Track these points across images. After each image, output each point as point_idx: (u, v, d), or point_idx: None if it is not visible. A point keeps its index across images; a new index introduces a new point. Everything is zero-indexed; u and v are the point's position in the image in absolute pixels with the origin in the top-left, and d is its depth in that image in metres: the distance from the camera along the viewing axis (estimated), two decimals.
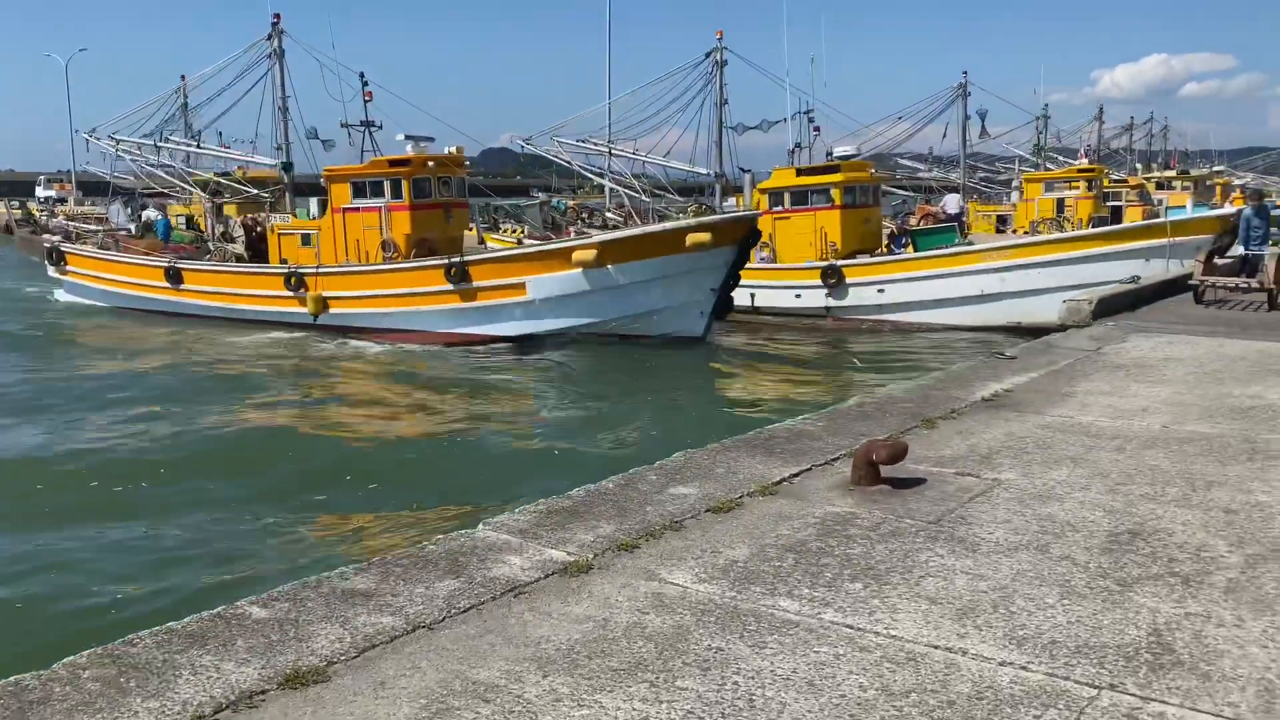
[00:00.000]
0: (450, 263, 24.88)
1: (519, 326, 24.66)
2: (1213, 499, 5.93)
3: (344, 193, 27.05)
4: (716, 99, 30.64)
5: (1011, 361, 10.96)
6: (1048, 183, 39.10)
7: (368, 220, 26.60)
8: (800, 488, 6.30)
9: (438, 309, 25.29)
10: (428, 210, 26.64)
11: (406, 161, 26.53)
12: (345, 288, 26.49)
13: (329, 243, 27.37)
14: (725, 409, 19.65)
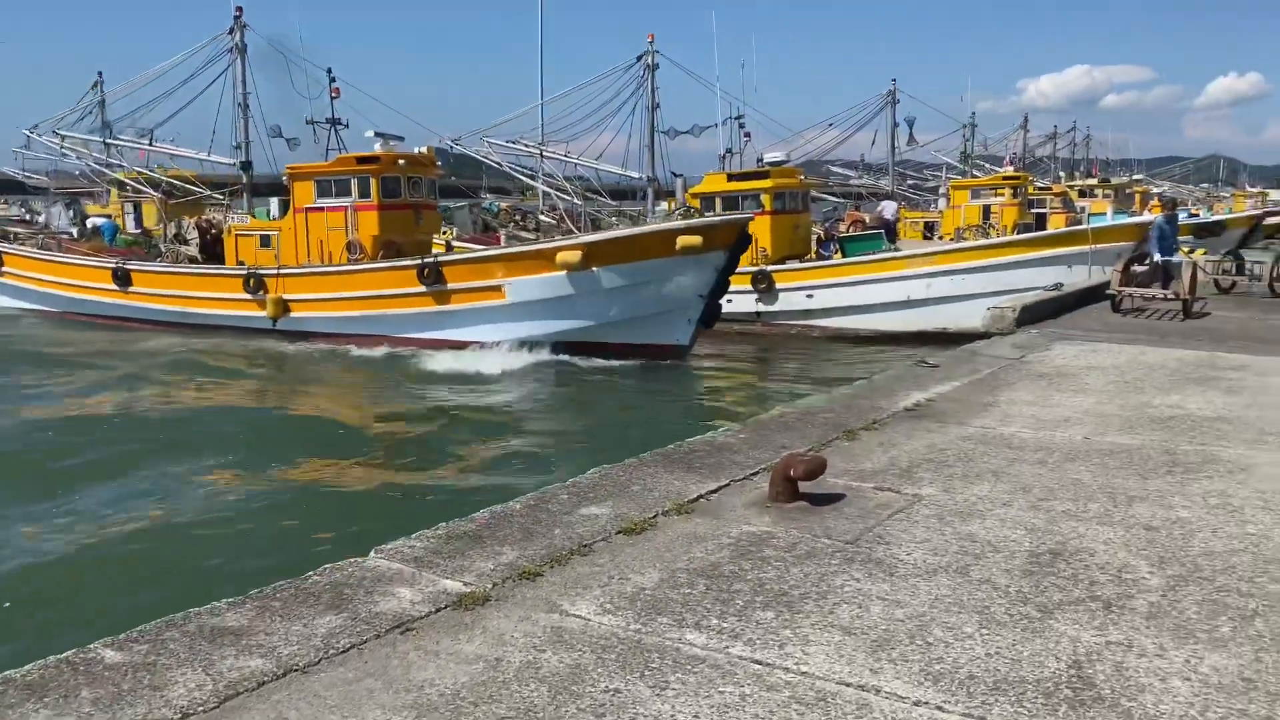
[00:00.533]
0: (424, 263, 23.74)
1: (496, 331, 23.51)
2: (1134, 515, 5.81)
3: (307, 191, 25.87)
4: (648, 103, 30.43)
5: (935, 370, 10.87)
6: (974, 190, 39.70)
7: (332, 220, 25.45)
8: (717, 505, 6.04)
9: (408, 313, 24.15)
10: (397, 211, 25.61)
11: (375, 159, 25.48)
12: (308, 289, 25.27)
13: (290, 244, 26.16)
14: (658, 419, 19.44)
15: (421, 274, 23.56)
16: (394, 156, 25.82)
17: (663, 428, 16.85)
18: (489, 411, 20.40)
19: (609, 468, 6.79)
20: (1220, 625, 4.26)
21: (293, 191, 26.34)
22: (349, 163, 25.79)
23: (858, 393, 9.69)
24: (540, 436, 18.18)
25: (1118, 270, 15.56)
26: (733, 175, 27.87)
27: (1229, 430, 8.02)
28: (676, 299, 22.51)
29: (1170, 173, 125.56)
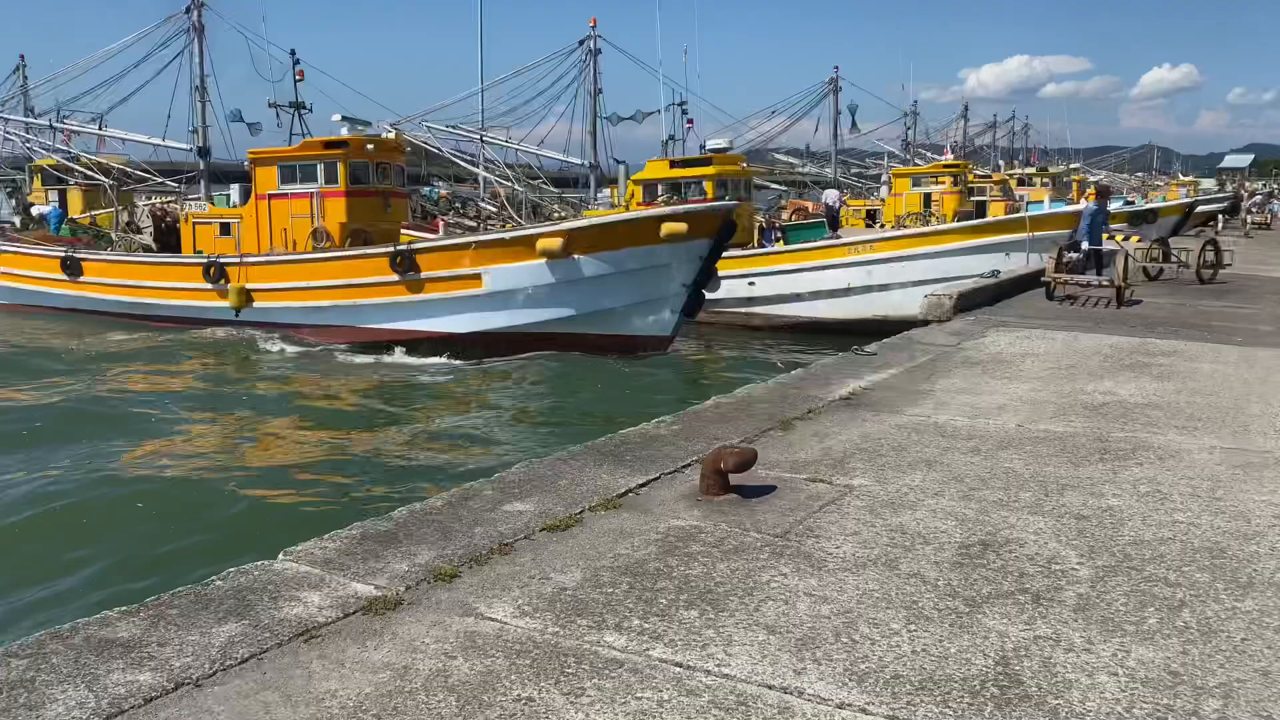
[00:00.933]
0: (396, 251, 22.76)
1: (473, 322, 22.70)
2: (1065, 504, 5.77)
3: (270, 177, 24.80)
4: (591, 88, 30.13)
5: (872, 358, 10.83)
6: (915, 178, 40.02)
7: (297, 207, 24.43)
8: (646, 499, 5.89)
9: (380, 302, 23.20)
10: (364, 198, 24.60)
11: (343, 144, 24.48)
12: (273, 279, 24.13)
13: (252, 232, 25.07)
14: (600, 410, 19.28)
15: (394, 262, 22.66)
16: (362, 141, 24.94)
17: (601, 418, 16.72)
18: (432, 403, 20.09)
19: (537, 462, 6.60)
20: (1148, 617, 4.20)
21: (255, 177, 25.32)
22: (315, 147, 24.84)
23: (794, 382, 9.60)
24: (487, 428, 17.92)
25: (1051, 258, 15.70)
26: (675, 162, 27.72)
27: (1159, 417, 8.06)
28: (660, 288, 21.97)
29: (1106, 162, 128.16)
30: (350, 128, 25.44)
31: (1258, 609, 4.28)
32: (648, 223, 21.61)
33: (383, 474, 14.34)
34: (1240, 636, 4.01)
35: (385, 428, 17.70)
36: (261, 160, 25.29)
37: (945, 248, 24.97)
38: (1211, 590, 4.48)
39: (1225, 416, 8.07)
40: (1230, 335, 12.36)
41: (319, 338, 24.01)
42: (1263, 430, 7.59)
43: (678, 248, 21.25)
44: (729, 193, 26.47)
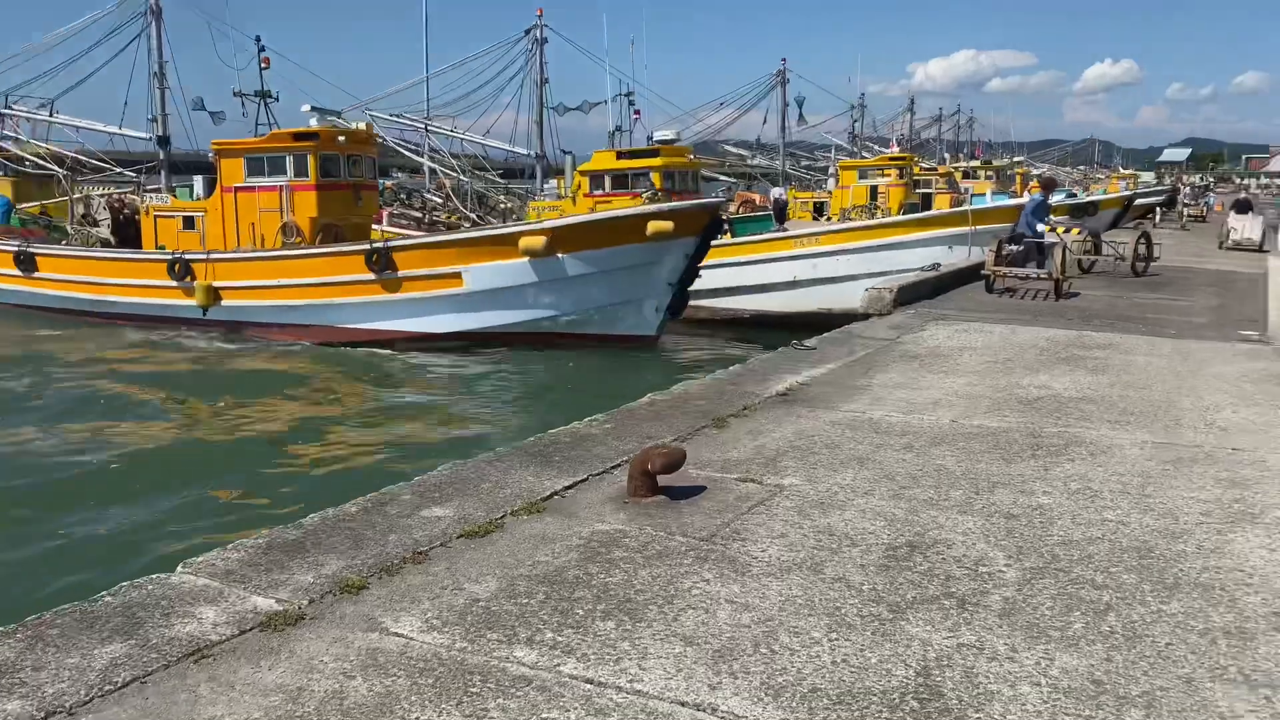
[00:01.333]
0: (373, 248, 22.00)
1: (453, 322, 22.09)
2: (995, 503, 5.70)
3: (236, 169, 23.83)
4: (537, 78, 29.78)
5: (811, 353, 10.75)
6: (862, 171, 40.19)
7: (265, 201, 23.49)
8: (571, 502, 5.71)
9: (355, 301, 22.42)
10: (336, 191, 23.76)
11: (313, 135, 23.65)
12: (243, 276, 23.29)
13: (217, 226, 24.11)
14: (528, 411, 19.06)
15: (370, 260, 21.94)
16: (333, 133, 24.16)
17: (536, 416, 16.52)
18: (375, 402, 19.72)
19: (460, 463, 6.39)
20: (1073, 622, 4.11)
21: (220, 169, 24.36)
22: (284, 139, 23.95)
23: (731, 378, 9.47)
24: (425, 427, 17.61)
25: (991, 251, 15.77)
26: (622, 153, 27.51)
27: (1093, 411, 8.06)
28: (645, 286, 21.54)
29: (1050, 155, 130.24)
30: (320, 118, 24.75)
31: (1183, 611, 4.21)
32: (634, 221, 21.19)
33: (316, 474, 14.00)
34: (1165, 641, 3.94)
35: (328, 423, 17.32)
36: (227, 152, 24.34)
37: (888, 241, 25.07)
38: (1138, 592, 4.41)
39: (1158, 410, 8.08)
40: (1164, 328, 12.48)
41: (291, 338, 23.24)
42: (1194, 424, 7.61)
43: (664, 246, 20.89)
44: (676, 184, 26.34)
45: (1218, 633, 4.01)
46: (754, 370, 9.90)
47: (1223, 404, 8.31)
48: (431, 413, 18.39)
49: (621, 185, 26.28)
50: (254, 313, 23.49)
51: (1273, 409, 8.13)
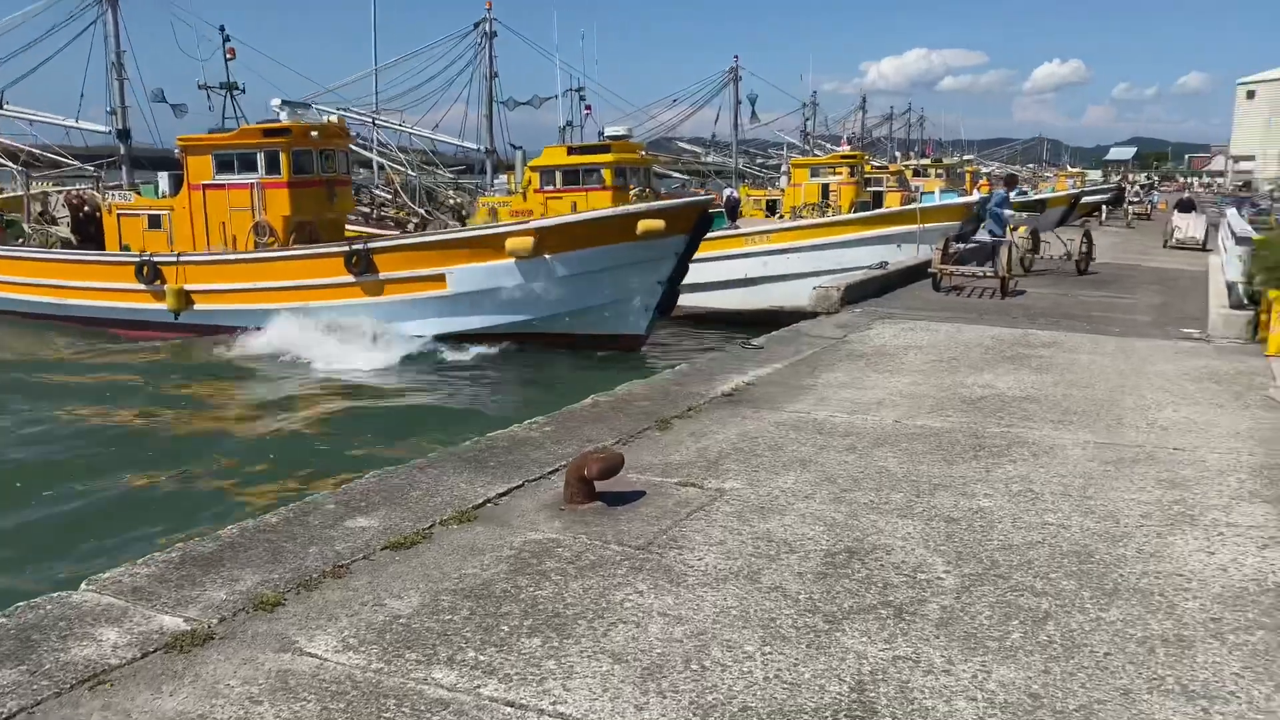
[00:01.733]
0: (352, 249, 21.27)
1: (436, 325, 21.47)
2: (936, 506, 5.61)
3: (204, 166, 22.88)
4: (486, 72, 29.43)
5: (758, 352, 10.65)
6: (814, 169, 40.33)
7: (236, 199, 22.62)
8: (505, 510, 5.53)
9: (335, 304, 21.62)
10: (310, 188, 22.87)
11: (285, 130, 22.79)
12: (215, 279, 22.44)
13: (185, 225, 23.13)
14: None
15: (350, 262, 21.20)
16: (306, 127, 23.27)
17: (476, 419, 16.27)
18: (324, 405, 19.32)
19: (390, 470, 6.18)
20: (1011, 631, 4.02)
21: (187, 166, 23.30)
22: (254, 134, 23.03)
23: (677, 378, 9.34)
24: (375, 433, 17.27)
25: (938, 249, 15.81)
26: (573, 149, 27.29)
27: (1036, 410, 8.03)
28: (635, 286, 21.05)
29: (999, 153, 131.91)
30: (290, 112, 23.84)
31: (1121, 619, 4.14)
32: (624, 220, 20.78)
33: (250, 481, 13.65)
34: (1103, 651, 3.86)
35: (271, 427, 16.94)
36: (194, 148, 23.34)
37: (839, 239, 25.14)
38: (1077, 600, 4.34)
39: (1100, 409, 8.08)
40: (1109, 326, 12.57)
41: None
42: (1135, 424, 7.61)
43: (653, 244, 20.43)
44: (628, 181, 26.19)
45: (1156, 641, 3.94)
46: (700, 370, 9.78)
47: (1164, 402, 8.34)
48: (384, 417, 18.05)
49: (573, 181, 26.06)
50: (228, 317, 22.57)
51: (1212, 408, 8.17)
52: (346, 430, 16.66)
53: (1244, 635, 3.99)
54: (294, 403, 18.57)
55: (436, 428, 16.42)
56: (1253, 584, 4.53)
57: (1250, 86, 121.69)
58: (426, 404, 18.83)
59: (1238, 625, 4.09)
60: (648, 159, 29.61)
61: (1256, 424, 7.62)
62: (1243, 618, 4.16)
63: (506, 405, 18.12)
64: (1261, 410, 8.08)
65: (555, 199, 25.91)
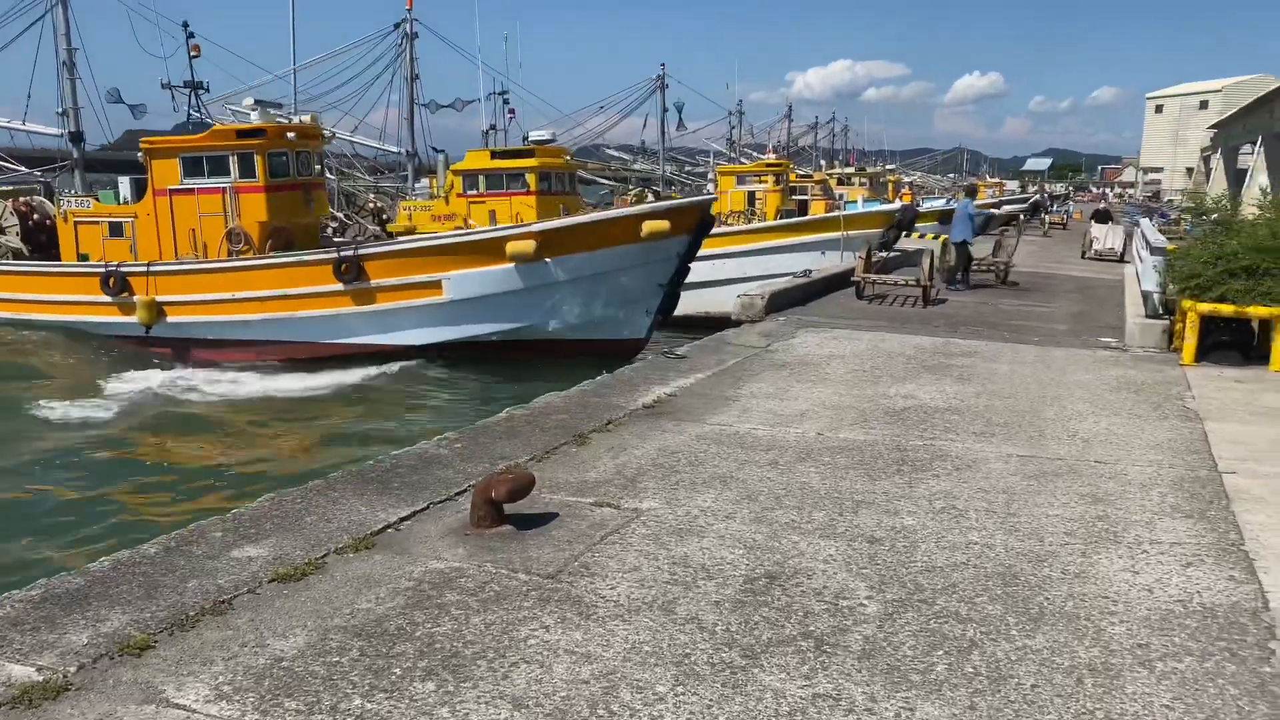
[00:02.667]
0: (341, 256, 20.04)
1: (432, 334, 20.42)
2: (859, 525, 5.43)
3: (171, 170, 21.32)
4: (407, 74, 28.80)
5: (681, 361, 10.44)
6: (740, 176, 40.44)
7: (207, 204, 21.13)
8: (406, 536, 5.19)
9: (321, 314, 20.48)
10: (286, 192, 21.57)
11: (260, 132, 21.41)
12: (191, 290, 20.96)
13: (150, 233, 21.57)
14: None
15: (339, 269, 19.99)
16: (282, 128, 21.96)
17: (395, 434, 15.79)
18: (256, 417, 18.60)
19: (286, 493, 5.79)
20: (936, 663, 3.83)
21: (151, 170, 21.63)
22: (227, 136, 21.53)
23: (597, 389, 9.06)
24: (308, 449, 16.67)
25: (861, 257, 15.82)
26: (496, 153, 26.80)
27: (958, 422, 7.94)
28: (637, 289, 20.28)
29: (921, 163, 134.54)
30: (263, 113, 22.49)
31: (1048, 647, 3.98)
32: (628, 221, 19.98)
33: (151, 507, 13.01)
34: (1030, 683, 3.68)
35: (173, 451, 16.23)
36: (159, 151, 21.69)
37: (764, 246, 25.14)
38: (1003, 626, 4.17)
39: (1022, 420, 8.02)
40: (1029, 335, 12.64)
41: (248, 357, 21.12)
42: (1056, 435, 7.55)
43: (656, 246, 19.68)
44: (553, 186, 25.82)
45: (1084, 670, 3.79)
46: (622, 380, 9.51)
47: (1084, 413, 8.32)
48: (301, 435, 17.43)
49: (496, 185, 25.58)
50: (204, 329, 21.30)
51: (1131, 418, 8.17)
52: (264, 451, 16.04)
53: (1172, 663, 3.86)
54: (208, 424, 17.84)
55: (357, 444, 15.91)
56: (1178, 605, 4.42)
57: (1158, 101, 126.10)
58: (353, 421, 18.21)
59: (1165, 651, 3.96)
60: (573, 164, 29.26)
61: (1175, 435, 7.63)
62: (1170, 643, 4.04)
63: (444, 418, 17.66)
64: (1179, 421, 8.11)
65: (478, 203, 25.42)
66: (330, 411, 18.37)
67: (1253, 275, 10.48)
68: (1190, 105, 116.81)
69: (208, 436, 16.55)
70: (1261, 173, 53.23)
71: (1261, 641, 4.07)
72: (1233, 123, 75.63)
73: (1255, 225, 11.37)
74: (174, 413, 18.03)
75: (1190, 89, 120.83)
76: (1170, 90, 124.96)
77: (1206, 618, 4.29)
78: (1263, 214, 11.90)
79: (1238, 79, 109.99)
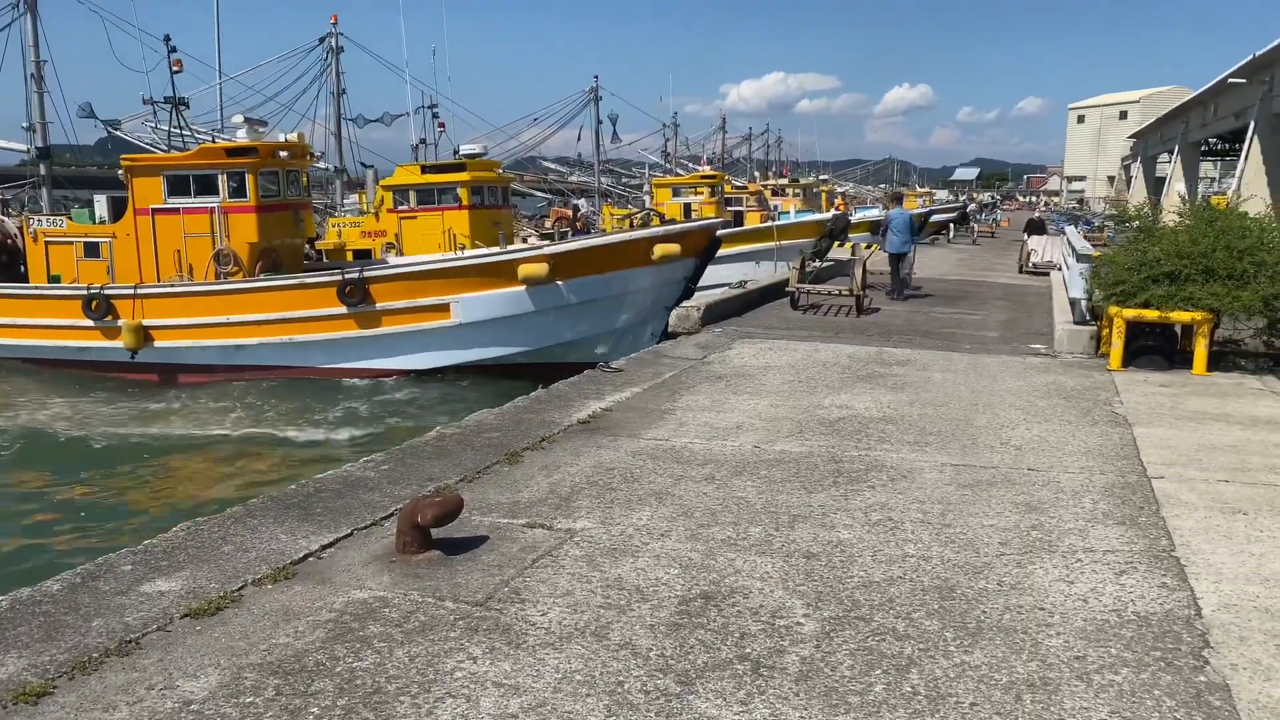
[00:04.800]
0: (346, 279, 19.40)
1: (439, 358, 19.99)
2: (795, 541, 5.35)
3: (153, 189, 20.41)
4: (334, 88, 28.32)
5: (617, 375, 10.33)
6: (675, 188, 40.56)
7: (193, 225, 20.28)
8: (329, 565, 4.98)
9: (323, 339, 19.87)
10: (276, 212, 20.82)
11: (251, 150, 20.64)
12: (182, 313, 20.09)
13: (130, 254, 20.64)
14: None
15: (343, 292, 19.38)
16: (273, 146, 21.21)
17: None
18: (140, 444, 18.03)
19: (201, 521, 5.54)
20: (874, 683, 3.75)
21: (132, 189, 20.69)
22: (215, 154, 20.83)
23: (531, 405, 8.90)
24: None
25: (794, 267, 15.87)
26: (427, 167, 26.43)
27: (893, 431, 7.94)
28: (646, 310, 20.00)
29: (853, 174, 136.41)
30: (250, 130, 21.69)
31: (986, 663, 3.92)
32: (639, 244, 19.80)
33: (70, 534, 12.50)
34: (969, 701, 3.62)
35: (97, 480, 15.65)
36: (142, 168, 20.78)
37: None
38: (940, 642, 4.11)
39: (955, 429, 8.05)
40: (960, 342, 12.76)
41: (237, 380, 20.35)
42: (990, 443, 7.58)
43: (666, 268, 19.54)
44: (485, 200, 25.53)
45: (1022, 686, 3.73)
46: (558, 395, 9.36)
47: (1016, 420, 8.38)
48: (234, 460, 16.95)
49: (427, 201, 25.19)
50: (196, 355, 20.41)
51: (1062, 424, 8.24)
52: (180, 479, 15.55)
53: (1109, 675, 3.83)
54: (123, 452, 17.26)
55: (296, 467, 15.50)
56: (1113, 615, 4.41)
57: (1080, 111, 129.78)
58: (295, 445, 17.75)
59: (1102, 663, 3.93)
60: (505, 177, 28.97)
61: (1105, 440, 7.71)
62: (1106, 654, 4.01)
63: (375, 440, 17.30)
64: (1108, 426, 8.20)
65: (409, 219, 25.04)
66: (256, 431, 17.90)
67: (1175, 281, 10.70)
68: (1111, 115, 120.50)
69: (123, 464, 15.99)
70: (1179, 180, 55.00)
71: (1195, 650, 4.07)
72: (1150, 133, 78.16)
73: (1175, 232, 11.62)
74: (84, 441, 17.41)
75: (1110, 100, 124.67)
76: (1091, 101, 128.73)
77: (1141, 627, 4.28)
78: (1182, 220, 12.19)
79: (1154, 90, 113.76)
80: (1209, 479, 6.64)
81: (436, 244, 24.28)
